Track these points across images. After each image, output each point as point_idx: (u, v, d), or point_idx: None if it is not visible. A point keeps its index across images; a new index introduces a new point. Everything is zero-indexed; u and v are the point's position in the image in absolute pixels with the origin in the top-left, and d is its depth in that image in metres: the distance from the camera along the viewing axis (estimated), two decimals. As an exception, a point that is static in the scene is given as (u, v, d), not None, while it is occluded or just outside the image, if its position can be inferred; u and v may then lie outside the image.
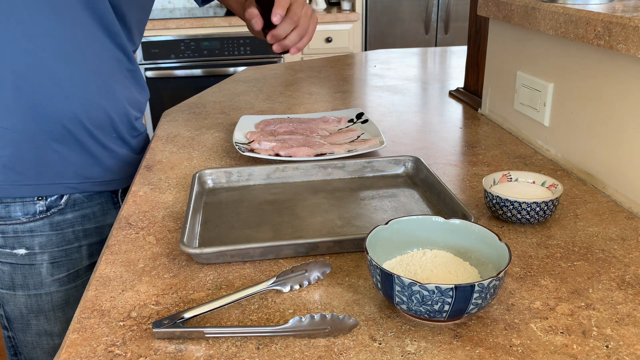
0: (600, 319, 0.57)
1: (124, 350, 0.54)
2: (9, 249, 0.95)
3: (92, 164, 0.98)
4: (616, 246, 0.71)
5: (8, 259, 0.96)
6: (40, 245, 0.96)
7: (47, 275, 0.97)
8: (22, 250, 0.96)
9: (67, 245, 0.98)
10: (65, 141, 0.93)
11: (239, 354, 0.53)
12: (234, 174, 0.90)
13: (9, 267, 0.97)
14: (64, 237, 0.97)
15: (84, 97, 0.92)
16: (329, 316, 0.55)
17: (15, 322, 1.01)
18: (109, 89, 0.97)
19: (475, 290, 0.52)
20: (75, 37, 0.90)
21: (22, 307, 0.99)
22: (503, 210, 0.76)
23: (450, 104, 1.40)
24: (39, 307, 0.99)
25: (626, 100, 0.82)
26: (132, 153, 1.06)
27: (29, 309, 0.99)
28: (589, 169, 0.91)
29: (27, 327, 1.00)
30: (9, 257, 0.96)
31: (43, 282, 0.98)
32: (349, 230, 0.76)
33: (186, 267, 0.68)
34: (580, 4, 0.91)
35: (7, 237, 0.95)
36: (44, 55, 0.87)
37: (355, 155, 0.99)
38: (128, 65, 1.01)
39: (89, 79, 0.93)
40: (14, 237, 0.95)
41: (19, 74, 0.86)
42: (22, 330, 1.01)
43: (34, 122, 0.89)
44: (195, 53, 3.11)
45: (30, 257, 0.96)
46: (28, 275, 0.97)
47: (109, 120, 0.97)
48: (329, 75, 1.71)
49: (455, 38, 3.38)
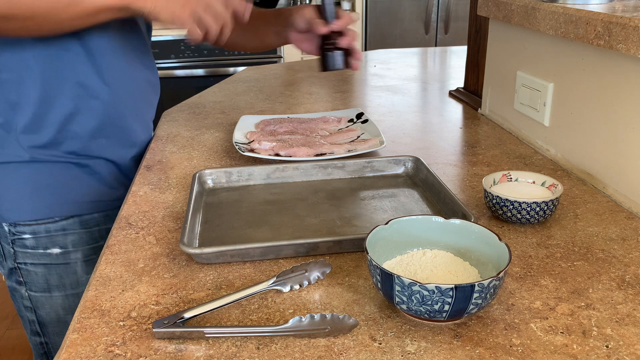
0: (600, 319, 0.57)
1: (124, 350, 0.54)
2: (41, 249, 0.94)
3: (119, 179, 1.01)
4: (616, 246, 0.71)
5: (42, 259, 0.94)
6: (74, 244, 0.96)
7: (82, 274, 0.97)
8: (56, 250, 0.94)
9: (95, 243, 0.98)
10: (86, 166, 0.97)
11: (239, 354, 0.53)
12: (234, 174, 0.90)
13: (42, 268, 0.95)
14: (92, 235, 0.98)
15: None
16: (329, 316, 0.55)
17: (51, 325, 0.99)
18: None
19: (475, 290, 0.52)
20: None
21: (59, 308, 0.98)
22: (503, 210, 0.76)
23: (450, 104, 1.40)
24: (76, 307, 0.97)
25: (626, 100, 0.82)
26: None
27: (66, 310, 0.98)
28: (589, 169, 0.91)
29: (64, 330, 0.97)
30: (42, 258, 0.94)
31: (79, 281, 0.97)
32: (349, 230, 0.76)
33: (186, 267, 0.68)
34: (580, 4, 0.91)
35: (39, 238, 0.93)
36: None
37: (355, 155, 0.99)
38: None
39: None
40: (46, 237, 0.93)
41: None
42: (58, 334, 0.99)
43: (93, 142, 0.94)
44: (195, 53, 3.11)
45: (64, 256, 0.95)
46: (64, 275, 0.96)
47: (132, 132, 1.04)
48: (328, 75, 1.71)
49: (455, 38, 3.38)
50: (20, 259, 0.94)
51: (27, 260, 0.94)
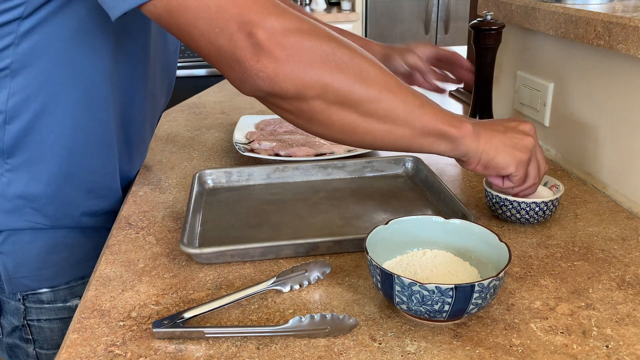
0: (600, 319, 0.57)
1: (124, 350, 0.54)
2: (60, 302, 0.84)
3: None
4: (616, 246, 0.71)
5: (59, 314, 0.85)
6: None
7: None
8: (76, 301, 0.85)
9: None
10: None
11: (239, 354, 0.53)
12: (234, 174, 0.90)
13: (59, 323, 0.85)
14: None
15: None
16: (329, 316, 0.55)
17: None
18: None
19: (475, 290, 0.52)
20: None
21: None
22: (502, 210, 0.76)
23: (450, 104, 1.40)
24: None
25: (626, 100, 0.82)
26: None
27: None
28: (589, 169, 0.91)
29: None
30: (60, 312, 0.85)
31: None
32: (349, 230, 0.76)
33: (186, 267, 0.68)
34: (580, 4, 0.91)
35: (57, 291, 0.84)
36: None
37: (355, 155, 0.99)
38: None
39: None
40: (66, 289, 0.84)
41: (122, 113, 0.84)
42: None
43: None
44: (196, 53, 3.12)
45: None
46: None
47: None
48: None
49: (455, 38, 3.38)
50: (33, 315, 0.84)
51: (42, 316, 0.84)
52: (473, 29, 0.98)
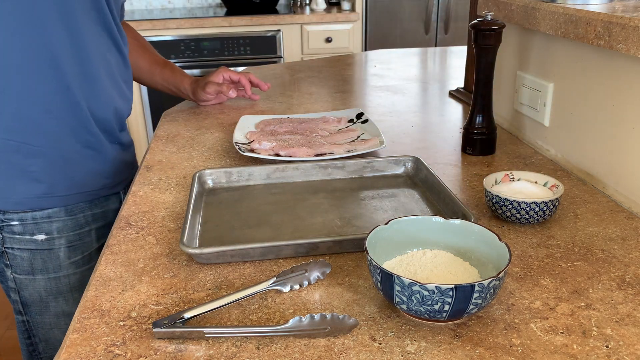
0: (600, 319, 0.57)
1: (124, 350, 0.54)
2: (28, 235, 0.99)
3: (106, 167, 1.05)
4: (616, 246, 0.71)
5: (28, 245, 1.00)
6: (58, 230, 1.00)
7: (64, 259, 1.02)
8: (41, 236, 0.99)
9: (79, 229, 1.03)
10: (91, 147, 1.00)
11: (239, 354, 0.53)
12: (234, 174, 0.90)
13: (28, 253, 1.00)
14: (77, 221, 1.02)
15: (115, 101, 1.04)
16: (329, 316, 0.55)
17: (33, 305, 1.04)
18: (121, 90, 1.06)
19: (475, 290, 0.52)
20: (99, 47, 0.98)
21: (42, 290, 1.03)
22: (502, 210, 0.76)
23: (450, 104, 1.40)
24: (58, 289, 1.03)
25: (626, 100, 0.82)
26: (127, 151, 1.13)
27: (48, 291, 1.03)
28: (589, 169, 0.91)
29: (46, 310, 1.04)
30: (28, 244, 0.99)
31: (61, 265, 1.02)
32: (349, 230, 0.76)
33: (186, 267, 0.68)
34: (580, 4, 0.91)
35: (26, 224, 0.98)
36: (91, 65, 0.96)
37: (355, 155, 0.99)
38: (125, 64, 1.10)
39: (114, 83, 1.03)
40: (33, 224, 0.98)
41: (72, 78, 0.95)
42: (40, 313, 1.05)
43: (70, 133, 0.97)
44: (195, 53, 3.11)
45: (49, 242, 1.00)
46: (47, 260, 1.01)
47: (121, 120, 1.08)
48: (329, 75, 1.71)
49: (455, 38, 3.37)
50: (8, 243, 1.00)
51: (15, 245, 1.00)
52: (473, 29, 0.98)
